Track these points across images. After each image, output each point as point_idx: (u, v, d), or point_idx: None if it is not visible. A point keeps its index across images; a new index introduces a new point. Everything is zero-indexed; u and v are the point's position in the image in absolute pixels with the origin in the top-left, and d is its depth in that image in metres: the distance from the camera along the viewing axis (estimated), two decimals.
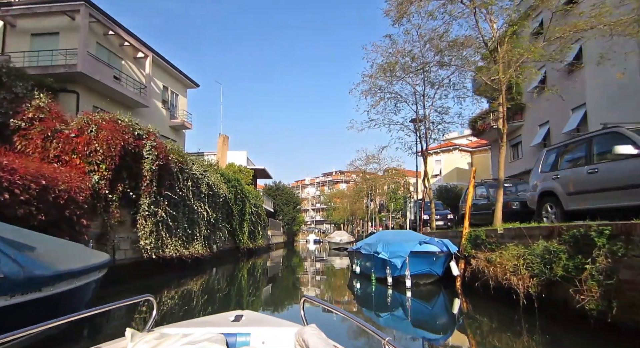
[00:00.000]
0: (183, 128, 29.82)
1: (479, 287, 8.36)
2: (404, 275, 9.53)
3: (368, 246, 11.11)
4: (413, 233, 12.29)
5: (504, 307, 7.67)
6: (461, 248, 9.88)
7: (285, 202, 49.49)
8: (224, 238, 22.03)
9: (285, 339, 2.32)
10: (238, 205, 23.36)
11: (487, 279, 7.86)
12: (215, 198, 18.90)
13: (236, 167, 34.42)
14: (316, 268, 21.86)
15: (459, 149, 45.66)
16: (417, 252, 9.28)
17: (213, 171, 20.19)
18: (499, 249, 7.77)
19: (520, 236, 7.52)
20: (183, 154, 14.75)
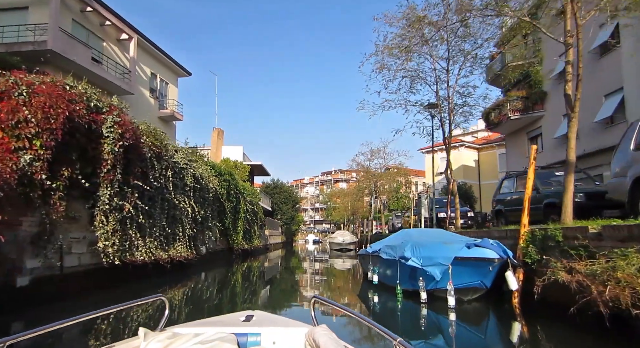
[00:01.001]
0: (173, 119, 27.20)
1: (548, 305, 5.83)
2: (444, 289, 6.96)
3: (390, 250, 8.50)
4: (447, 233, 9.65)
5: (595, 337, 5.19)
6: (518, 253, 7.30)
7: (283, 201, 46.80)
8: (214, 239, 19.38)
9: (296, 339, 2.27)
10: (231, 202, 20.73)
11: (565, 295, 5.36)
12: (203, 192, 16.27)
13: (231, 162, 31.83)
14: (317, 270, 19.30)
15: (465, 145, 43.15)
16: (464, 259, 6.67)
17: (202, 162, 17.57)
18: (601, 256, 5.17)
19: (634, 237, 4.94)
20: (161, 138, 12.13)
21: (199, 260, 16.27)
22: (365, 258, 11.70)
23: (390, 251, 8.47)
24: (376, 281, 9.32)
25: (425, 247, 7.37)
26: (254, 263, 24.18)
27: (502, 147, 42.08)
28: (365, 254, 11.39)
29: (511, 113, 24.46)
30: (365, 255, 11.64)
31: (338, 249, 32.96)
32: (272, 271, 20.29)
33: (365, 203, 44.84)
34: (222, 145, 34.05)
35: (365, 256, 11.41)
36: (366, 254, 11.18)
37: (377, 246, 9.91)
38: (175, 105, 27.47)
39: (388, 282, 8.99)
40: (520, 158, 25.80)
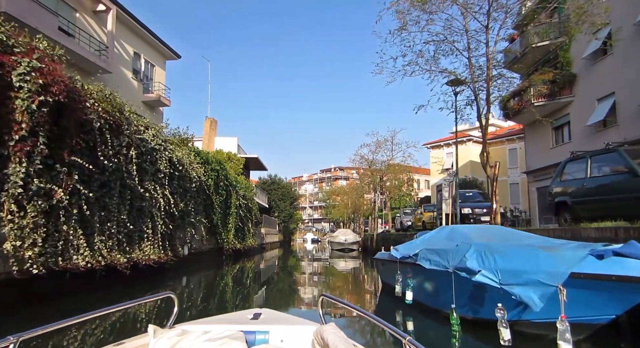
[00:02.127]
0: (160, 105, 24.20)
1: None
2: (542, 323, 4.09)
3: (436, 256, 5.52)
4: (522, 233, 6.63)
5: None
6: None
7: (281, 197, 43.80)
8: (200, 237, 16.44)
9: (304, 337, 2.23)
10: (220, 195, 17.78)
11: None
12: (184, 181, 13.32)
13: (225, 154, 28.87)
14: (318, 273, 16.42)
15: (473, 140, 40.30)
16: (595, 277, 3.76)
17: (183, 146, 14.64)
18: None
19: None
20: (121, 106, 9.15)
21: (179, 263, 13.36)
22: (387, 265, 8.75)
23: (437, 257, 5.53)
24: (410, 300, 6.34)
25: (504, 254, 4.45)
26: (247, 265, 21.25)
27: (512, 142, 39.32)
28: (388, 259, 8.44)
29: (535, 99, 21.57)
30: (386, 261, 8.70)
31: (340, 249, 30.01)
32: (267, 273, 17.37)
33: (367, 201, 41.92)
34: (215, 136, 31.12)
35: (388, 262, 8.46)
36: (389, 259, 8.24)
37: (409, 249, 6.98)
38: (162, 89, 24.48)
39: (432, 304, 6.05)
40: (544, 150, 22.97)
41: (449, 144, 41.60)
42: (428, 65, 12.13)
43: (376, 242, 24.30)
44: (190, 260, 15.33)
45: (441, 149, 42.87)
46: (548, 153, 22.44)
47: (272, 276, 16.53)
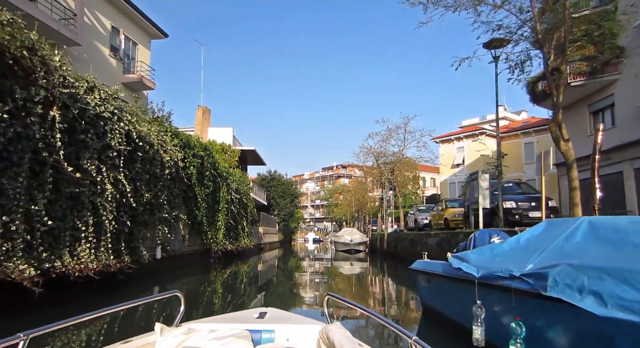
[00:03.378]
0: (143, 88, 21.05)
1: None
2: None
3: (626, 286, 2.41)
4: None
5: None
6: None
7: (281, 194, 40.56)
8: (179, 237, 13.33)
9: (309, 337, 2.20)
10: (206, 187, 14.64)
11: None
12: (152, 166, 10.19)
13: (218, 145, 25.74)
14: (323, 278, 13.32)
15: (487, 133, 37.10)
16: None
17: (154, 124, 11.54)
18: None
19: None
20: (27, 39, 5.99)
21: (151, 269, 10.30)
22: (438, 283, 5.56)
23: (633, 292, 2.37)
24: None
25: None
26: (241, 268, 18.15)
27: (528, 135, 36.06)
28: (442, 274, 5.27)
29: (571, 79, 18.40)
30: (437, 276, 5.52)
31: (345, 250, 26.79)
32: (262, 278, 14.23)
33: (371, 198, 38.70)
34: (208, 126, 28.00)
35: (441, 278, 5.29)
36: (446, 274, 5.06)
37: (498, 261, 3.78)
38: (147, 71, 21.35)
39: None
40: (579, 138, 19.80)
41: (460, 138, 38.43)
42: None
43: (387, 243, 21.14)
44: (167, 265, 12.22)
45: (451, 144, 39.62)
46: (585, 140, 19.26)
47: (268, 283, 13.39)
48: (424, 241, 14.55)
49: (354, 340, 1.84)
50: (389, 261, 19.87)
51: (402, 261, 18.37)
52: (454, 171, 39.00)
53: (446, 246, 12.10)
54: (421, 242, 14.75)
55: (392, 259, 20.06)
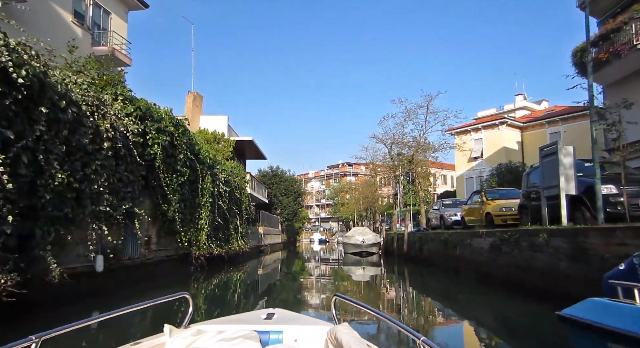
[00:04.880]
0: (117, 64, 17.49)
1: None
2: None
3: None
4: None
5: None
6: None
7: (284, 192, 36.79)
8: (141, 241, 9.74)
9: (317, 337, 2.15)
10: (180, 174, 11.04)
11: None
12: (75, 133, 6.64)
13: (210, 135, 22.20)
14: (333, 286, 9.74)
15: (507, 123, 33.25)
16: None
17: (84, 75, 8.00)
18: None
19: None
20: None
21: (93, 285, 6.75)
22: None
23: None
24: None
25: None
26: (234, 276, 14.60)
27: (553, 124, 32.10)
28: None
29: (637, 40, 14.65)
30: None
31: (356, 252, 23.02)
32: (256, 290, 10.60)
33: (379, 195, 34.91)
34: (200, 113, 24.45)
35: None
36: None
37: None
38: (123, 45, 17.84)
39: None
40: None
41: (478, 128, 34.56)
42: None
43: (408, 244, 17.39)
44: (118, 278, 8.64)
45: (467, 136, 35.71)
46: None
47: (268, 295, 9.75)
48: (466, 243, 10.84)
49: (362, 341, 1.79)
50: (411, 267, 16.15)
51: (430, 267, 14.49)
52: (471, 165, 35.14)
53: (508, 250, 8.38)
54: (463, 244, 11.04)
55: (414, 264, 16.33)
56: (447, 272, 12.49)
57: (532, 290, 7.48)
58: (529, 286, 7.55)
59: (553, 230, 6.82)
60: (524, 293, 7.75)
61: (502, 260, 8.53)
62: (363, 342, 1.80)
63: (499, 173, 24.29)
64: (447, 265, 12.46)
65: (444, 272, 12.71)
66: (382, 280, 14.21)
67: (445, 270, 12.66)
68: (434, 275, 13.24)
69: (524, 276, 7.69)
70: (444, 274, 12.61)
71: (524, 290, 7.77)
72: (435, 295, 10.30)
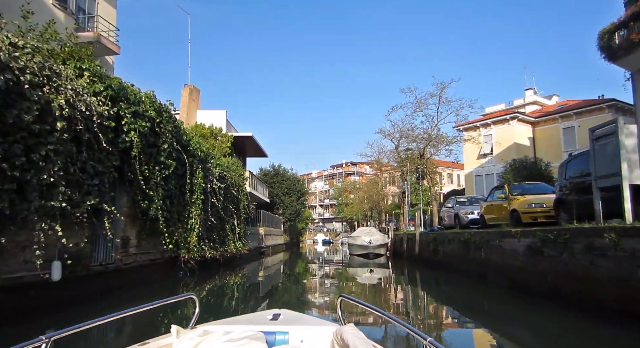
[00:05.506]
0: (103, 52, 16.11)
1: None
2: None
3: None
4: None
5: None
6: None
7: (286, 191, 35.20)
8: (114, 242, 8.27)
9: (323, 338, 2.12)
10: (164, 167, 9.56)
11: None
12: (12, 106, 5.19)
13: (207, 129, 20.79)
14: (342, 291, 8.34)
15: (518, 118, 31.63)
16: None
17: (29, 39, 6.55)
18: None
19: None
20: None
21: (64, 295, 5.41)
22: None
23: None
24: None
25: None
26: (230, 280, 13.18)
27: (567, 119, 30.43)
28: None
29: None
30: None
31: (362, 254, 21.47)
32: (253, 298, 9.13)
33: (389, 192, 33.41)
34: (197, 108, 23.01)
35: None
36: None
37: None
38: (111, 31, 16.43)
39: None
40: None
41: (487, 124, 32.94)
42: None
43: (420, 245, 15.81)
44: (85, 289, 7.18)
45: (476, 132, 34.10)
46: None
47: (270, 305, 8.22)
48: (494, 244, 9.25)
49: (368, 342, 1.77)
50: (424, 270, 14.60)
51: (446, 272, 12.75)
52: (481, 162, 33.55)
53: (554, 253, 6.81)
54: (490, 246, 9.45)
55: (428, 267, 14.77)
56: (468, 277, 10.94)
57: (592, 306, 5.92)
58: (587, 300, 5.99)
59: (627, 229, 5.26)
60: (580, 309, 6.18)
61: (545, 266, 6.97)
62: (369, 342, 1.77)
63: (514, 168, 22.68)
64: (468, 269, 10.90)
65: (464, 277, 11.15)
66: (392, 284, 12.69)
67: (465, 274, 11.10)
68: (452, 281, 11.69)
69: (579, 288, 6.12)
70: (464, 280, 11.05)
71: (580, 306, 6.20)
72: (454, 303, 8.79)
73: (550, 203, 9.90)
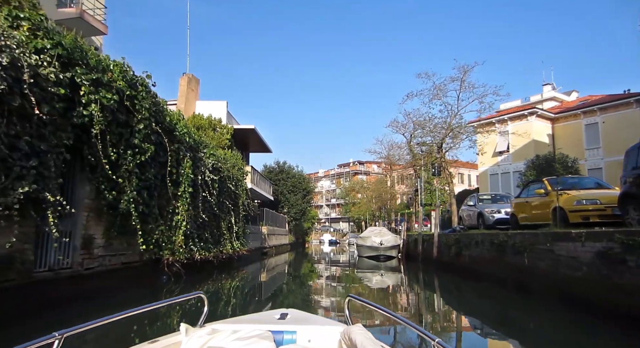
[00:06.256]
0: (89, 31, 14.45)
1: None
2: None
3: None
4: None
5: None
6: None
7: (291, 189, 33.41)
8: (71, 243, 6.54)
9: (331, 338, 2.10)
10: (139, 151, 7.87)
11: None
12: None
13: (205, 120, 19.12)
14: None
15: (537, 113, 29.58)
16: None
17: None
18: None
19: None
20: None
21: None
22: None
23: None
24: None
25: None
26: (225, 285, 11.50)
27: (590, 115, 28.27)
28: None
29: None
30: None
31: (372, 256, 19.61)
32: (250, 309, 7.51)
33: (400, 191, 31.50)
34: (196, 98, 21.35)
35: None
36: None
37: None
38: (97, 8, 14.80)
39: None
40: None
41: (504, 120, 30.90)
42: None
43: (438, 248, 13.91)
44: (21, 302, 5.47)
45: (491, 127, 32.06)
46: None
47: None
48: (542, 249, 7.36)
49: (376, 342, 1.75)
50: (444, 276, 12.72)
51: (473, 279, 10.63)
52: (496, 161, 31.55)
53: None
54: (537, 250, 7.57)
55: (448, 273, 12.89)
56: (502, 287, 9.08)
57: None
58: None
59: None
60: None
61: (631, 280, 5.13)
62: (377, 343, 1.74)
63: (537, 165, 20.73)
64: (503, 277, 9.04)
65: (497, 287, 9.29)
66: (407, 290, 10.88)
67: (499, 283, 9.23)
68: (480, 289, 9.84)
69: None
70: (497, 289, 9.19)
71: None
72: (485, 317, 7.00)
73: (607, 200, 8.02)
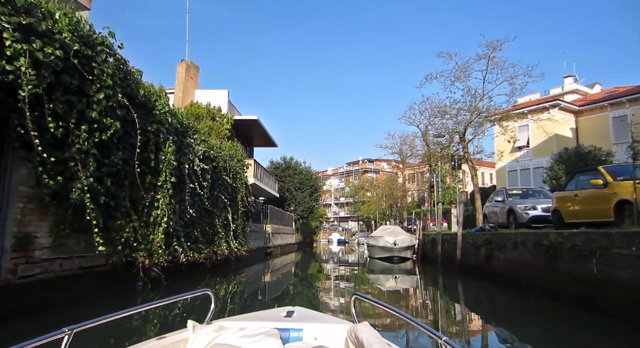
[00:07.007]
0: (76, 8, 12.82)
1: None
2: None
3: None
4: None
5: None
6: None
7: (298, 186, 31.56)
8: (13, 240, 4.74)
9: (337, 336, 2.08)
10: (98, 127, 6.18)
11: None
12: None
13: (203, 109, 17.44)
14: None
15: (560, 106, 27.41)
16: None
17: None
18: None
19: None
20: None
21: None
22: None
23: None
24: None
25: None
26: (221, 290, 9.77)
27: (618, 106, 25.96)
28: None
29: None
30: None
31: (385, 257, 17.74)
32: None
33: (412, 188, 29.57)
34: (195, 87, 19.69)
35: None
36: None
37: None
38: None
39: None
40: None
41: (523, 114, 28.68)
42: None
43: (463, 249, 12.02)
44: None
45: (510, 123, 29.91)
46: None
47: None
48: (620, 253, 5.48)
49: (382, 340, 1.75)
50: (469, 282, 10.83)
51: (510, 288, 8.62)
52: (515, 156, 29.42)
53: None
54: (611, 255, 5.64)
55: (476, 278, 10.97)
56: (556, 302, 7.17)
57: None
58: None
59: None
60: None
61: None
62: (383, 340, 1.75)
63: (565, 159, 18.69)
64: (554, 290, 7.13)
65: (548, 301, 7.38)
66: (426, 298, 9.02)
67: (551, 297, 7.31)
68: (522, 302, 7.93)
69: None
70: (550, 305, 7.26)
71: None
72: (534, 340, 5.13)
73: None
